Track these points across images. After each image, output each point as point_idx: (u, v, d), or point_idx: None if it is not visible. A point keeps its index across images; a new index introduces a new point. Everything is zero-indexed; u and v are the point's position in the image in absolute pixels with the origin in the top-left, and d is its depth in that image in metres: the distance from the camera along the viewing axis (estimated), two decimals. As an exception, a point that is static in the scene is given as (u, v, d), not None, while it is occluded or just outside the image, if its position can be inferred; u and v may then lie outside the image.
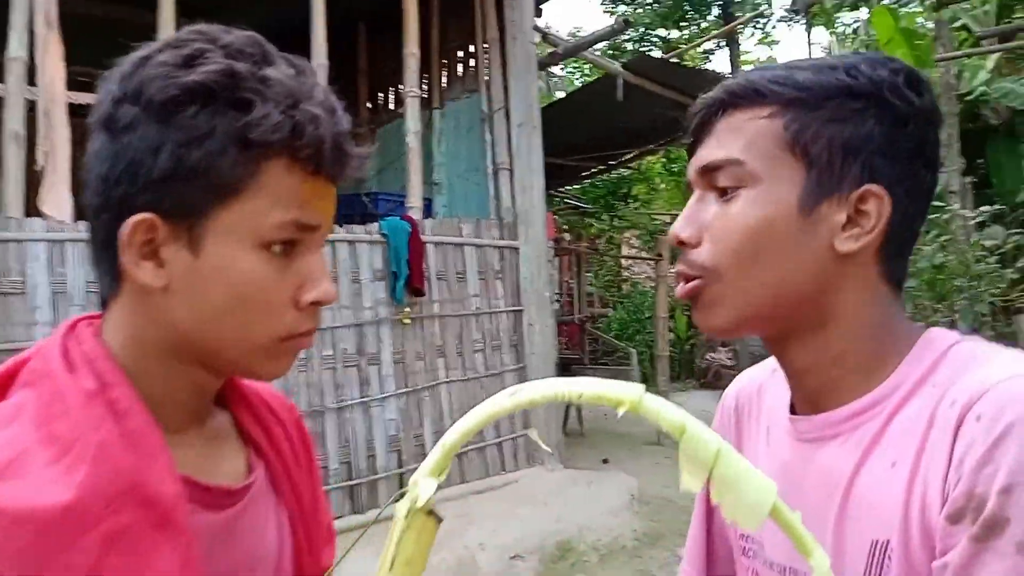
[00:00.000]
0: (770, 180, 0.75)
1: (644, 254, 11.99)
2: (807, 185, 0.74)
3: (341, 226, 5.08)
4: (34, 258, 3.58)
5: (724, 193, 0.77)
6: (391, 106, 7.34)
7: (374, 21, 7.06)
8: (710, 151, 0.78)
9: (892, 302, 0.78)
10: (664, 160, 13.63)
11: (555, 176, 9.32)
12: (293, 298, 0.71)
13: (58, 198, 3.60)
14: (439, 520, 0.66)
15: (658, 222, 14.06)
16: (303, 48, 4.93)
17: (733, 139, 0.76)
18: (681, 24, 11.64)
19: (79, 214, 3.65)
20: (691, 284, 0.78)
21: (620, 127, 7.44)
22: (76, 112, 3.86)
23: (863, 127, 0.74)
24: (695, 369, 11.67)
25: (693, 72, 6.54)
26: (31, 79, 3.73)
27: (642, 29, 11.50)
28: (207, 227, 0.67)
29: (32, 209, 3.66)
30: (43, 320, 3.56)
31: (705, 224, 0.77)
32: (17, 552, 0.59)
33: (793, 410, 0.83)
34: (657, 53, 12.30)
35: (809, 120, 0.74)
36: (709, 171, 0.78)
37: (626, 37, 11.20)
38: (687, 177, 0.82)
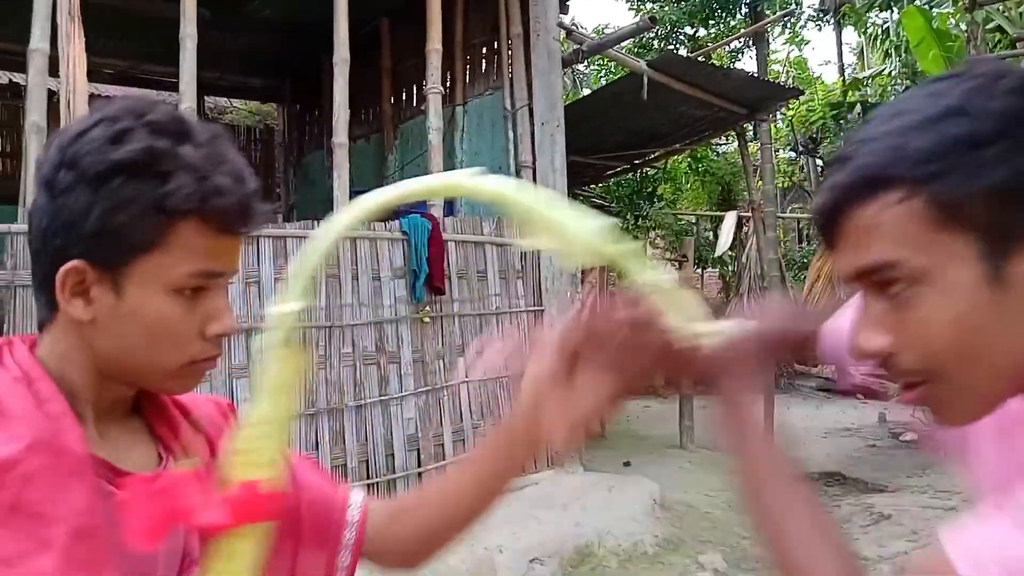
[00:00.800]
0: (940, 269, 0.67)
1: (668, 255, 11.89)
2: (982, 254, 0.66)
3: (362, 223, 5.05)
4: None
5: (891, 291, 0.69)
6: (414, 102, 7.30)
7: (397, 16, 7.04)
8: (856, 256, 0.70)
9: None
10: (690, 160, 13.49)
11: (579, 175, 9.25)
12: (200, 331, 0.86)
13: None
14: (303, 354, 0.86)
15: (683, 222, 13.93)
16: (327, 42, 4.90)
17: (875, 238, 0.68)
18: (709, 22, 11.51)
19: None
20: (917, 391, 0.71)
21: (645, 126, 7.35)
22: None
23: (1011, 164, 0.64)
24: (719, 373, 11.53)
25: (719, 71, 6.43)
26: (52, 71, 3.73)
27: (669, 27, 11.37)
28: (127, 275, 0.81)
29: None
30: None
31: (891, 328, 0.70)
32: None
33: None
34: (684, 51, 12.18)
35: (948, 187, 0.65)
36: (866, 274, 0.70)
37: (652, 35, 11.08)
38: (838, 276, 0.75)
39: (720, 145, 13.70)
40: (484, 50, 6.36)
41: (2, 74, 7.03)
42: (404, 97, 7.39)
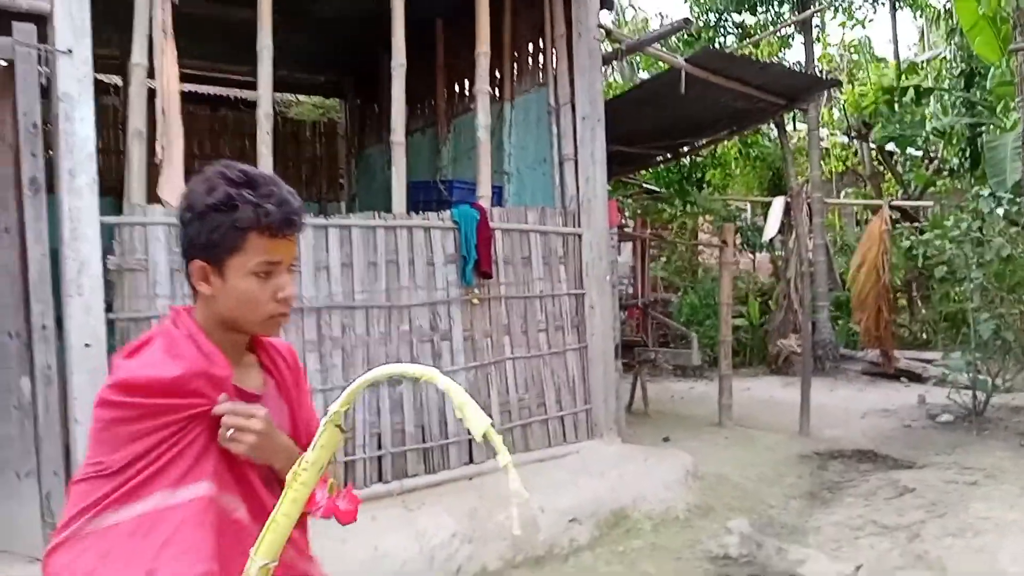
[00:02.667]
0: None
1: (714, 240, 12.11)
2: None
3: (418, 212, 5.52)
4: (155, 240, 4.15)
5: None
6: (466, 98, 7.71)
7: (451, 17, 7.45)
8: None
9: None
10: (740, 145, 13.61)
11: (626, 164, 9.57)
12: (272, 297, 1.50)
13: (174, 187, 4.14)
14: (344, 432, 1.37)
15: (732, 207, 14.08)
16: (386, 41, 5.31)
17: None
18: (757, 9, 11.60)
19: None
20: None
21: (686, 116, 7.64)
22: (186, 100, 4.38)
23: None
24: (767, 355, 11.77)
25: (756, 65, 6.68)
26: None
27: (717, 15, 11.51)
28: (226, 267, 1.48)
29: (153, 197, 4.22)
30: (162, 293, 4.13)
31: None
32: (140, 405, 1.38)
33: None
34: (731, 39, 12.30)
35: None
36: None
37: (700, 23, 11.26)
38: None
39: (772, 131, 13.81)
40: (530, 49, 6.72)
41: (104, 77, 7.69)
42: (457, 92, 7.80)
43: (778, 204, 9.84)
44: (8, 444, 4.12)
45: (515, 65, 6.86)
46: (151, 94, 4.31)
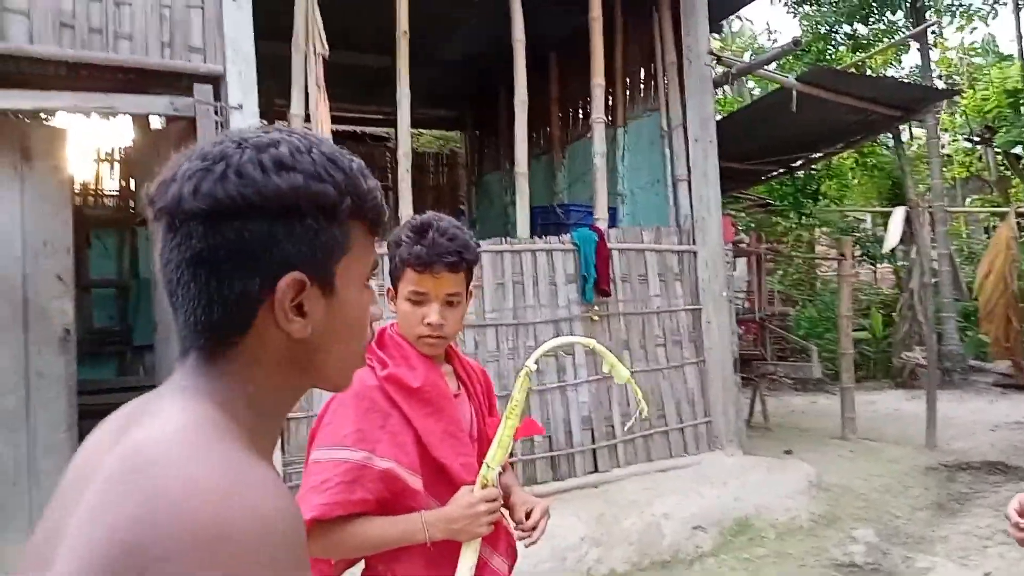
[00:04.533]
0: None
1: (831, 253, 11.94)
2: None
3: (538, 235, 5.90)
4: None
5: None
6: (580, 125, 8.07)
7: (564, 49, 7.85)
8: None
9: None
10: (856, 156, 13.37)
11: (738, 180, 9.67)
12: (420, 321, 1.83)
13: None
14: (531, 374, 1.82)
15: (849, 219, 13.81)
16: (503, 76, 5.71)
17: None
18: (869, 19, 11.44)
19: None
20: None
21: (798, 132, 7.71)
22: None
23: None
24: (891, 368, 11.50)
25: (868, 80, 6.72)
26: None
27: (828, 27, 11.43)
28: (398, 291, 1.86)
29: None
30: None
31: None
32: (363, 399, 1.76)
33: None
34: (843, 50, 12.17)
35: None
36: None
37: (808, 36, 11.22)
38: None
39: (889, 140, 13.50)
40: (642, 76, 7.02)
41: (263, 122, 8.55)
42: (571, 120, 8.17)
43: (898, 214, 9.66)
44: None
45: (627, 91, 7.16)
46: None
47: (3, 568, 3.96)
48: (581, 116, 8.08)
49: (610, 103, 7.23)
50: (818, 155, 9.05)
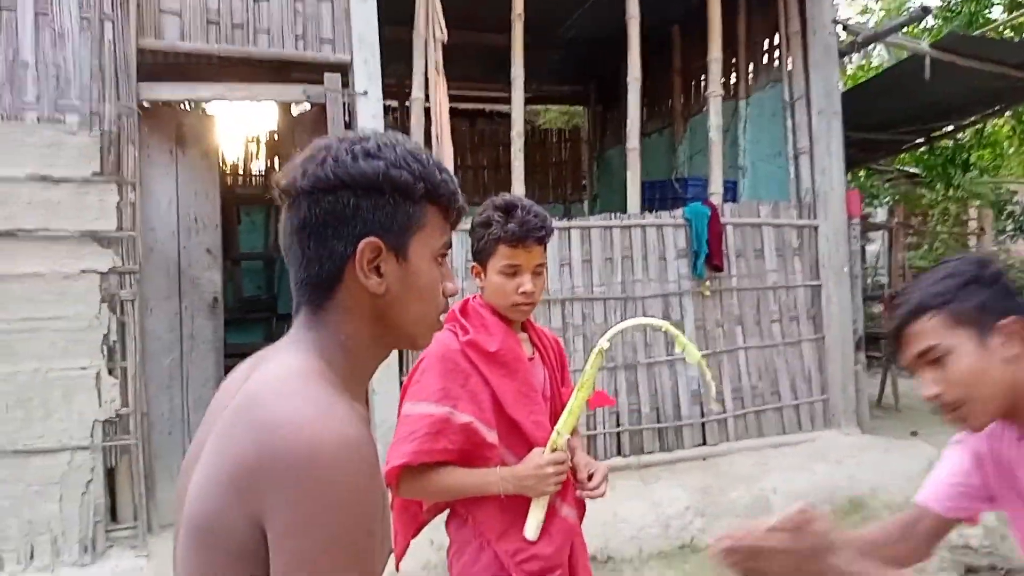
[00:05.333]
0: (959, 345, 1.38)
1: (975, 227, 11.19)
2: (974, 336, 1.37)
3: (654, 209, 5.95)
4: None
5: (936, 362, 1.39)
6: (702, 98, 7.98)
7: (685, 23, 7.79)
8: (917, 345, 1.41)
9: None
10: (1014, 123, 12.37)
11: (872, 151, 9.28)
12: (514, 291, 2.03)
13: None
14: (604, 351, 1.98)
15: (1002, 191, 12.85)
16: (624, 51, 5.76)
17: (925, 337, 1.40)
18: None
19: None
20: (954, 413, 1.41)
21: (936, 100, 7.32)
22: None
23: (977, 295, 1.38)
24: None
25: (1009, 45, 6.27)
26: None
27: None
28: (487, 267, 2.07)
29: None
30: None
31: (938, 383, 1.39)
32: (447, 361, 1.98)
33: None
34: (999, 10, 11.25)
35: (952, 308, 1.38)
36: (922, 356, 1.41)
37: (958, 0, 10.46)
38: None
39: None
40: (765, 46, 6.88)
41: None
42: (692, 93, 8.10)
43: (1056, 186, 8.98)
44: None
45: (750, 63, 7.04)
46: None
47: (160, 503, 4.55)
48: (703, 89, 7.99)
49: (732, 76, 7.13)
50: (963, 123, 8.54)
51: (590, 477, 2.07)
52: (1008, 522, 1.57)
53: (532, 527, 1.96)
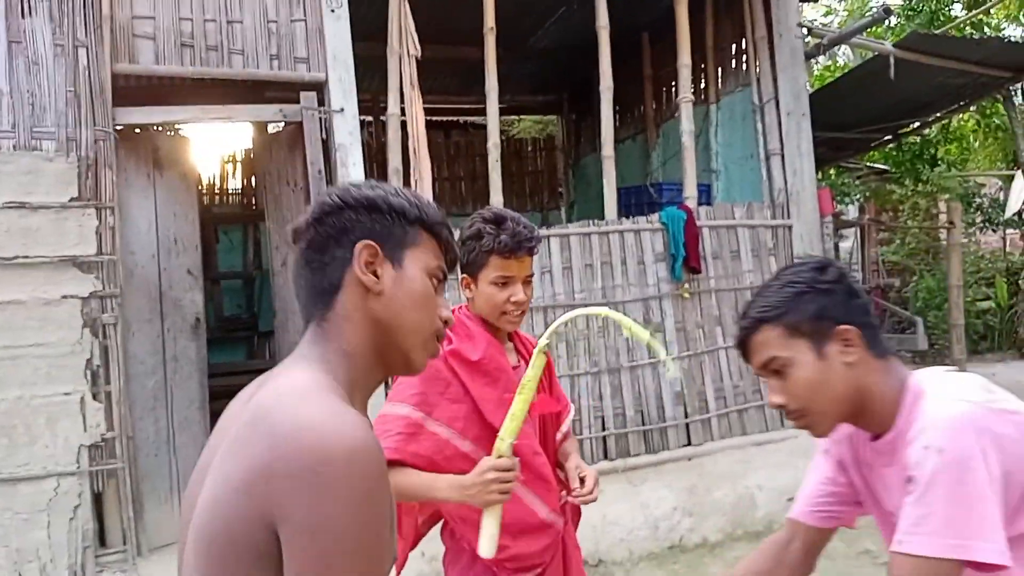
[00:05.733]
0: (795, 357, 1.40)
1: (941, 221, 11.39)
2: (811, 347, 1.39)
3: (630, 215, 6.03)
4: (411, 257, 5.03)
5: (779, 372, 1.42)
6: (673, 103, 8.09)
7: (656, 29, 7.89)
8: (760, 356, 1.44)
9: (888, 366, 1.42)
10: (978, 117, 12.63)
11: (842, 149, 9.45)
12: (506, 300, 2.07)
13: (424, 213, 5.00)
14: (546, 354, 1.90)
15: (970, 184, 13.08)
16: (596, 61, 5.82)
17: (766, 348, 1.43)
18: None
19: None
20: (799, 421, 1.45)
21: (903, 98, 7.48)
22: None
23: (814, 303, 1.40)
24: (1017, 339, 10.94)
25: (971, 42, 6.43)
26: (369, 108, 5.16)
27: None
28: (478, 278, 2.10)
29: (407, 222, 5.11)
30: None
31: (781, 391, 1.44)
32: (429, 368, 1.47)
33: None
34: (959, 7, 11.52)
35: (788, 320, 1.41)
36: (765, 366, 1.44)
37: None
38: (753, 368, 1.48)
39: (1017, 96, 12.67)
40: (733, 51, 7.00)
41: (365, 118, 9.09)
42: (664, 99, 8.21)
43: (1020, 180, 9.17)
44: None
45: (718, 67, 7.15)
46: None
47: (148, 526, 4.54)
48: (674, 95, 8.10)
49: (702, 80, 7.24)
50: (928, 120, 8.72)
51: (581, 482, 2.11)
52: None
53: (484, 542, 1.84)
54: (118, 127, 4.59)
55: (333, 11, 4.90)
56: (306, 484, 0.88)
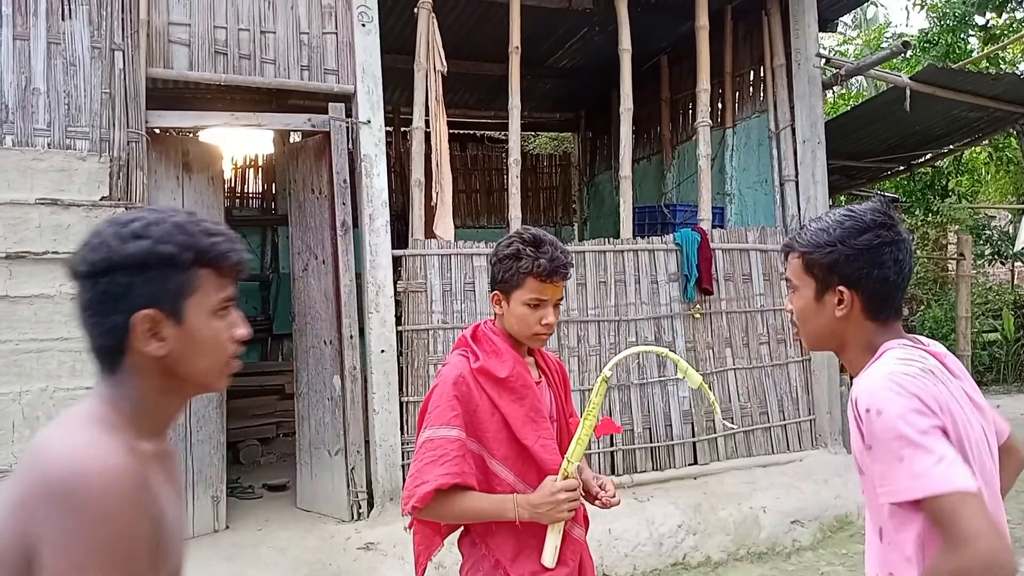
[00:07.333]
0: (803, 289, 1.65)
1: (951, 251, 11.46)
2: (817, 289, 1.62)
3: (644, 234, 6.12)
4: (431, 267, 5.14)
5: (792, 290, 1.69)
6: (690, 126, 8.19)
7: (675, 52, 8.02)
8: (785, 271, 1.71)
9: (877, 330, 1.59)
10: (990, 150, 12.71)
11: (854, 178, 9.52)
12: (537, 322, 2.13)
13: (446, 225, 5.10)
14: (607, 380, 2.09)
15: (980, 216, 13.15)
16: (614, 79, 5.91)
17: (789, 268, 1.69)
18: (1004, 8, 10.85)
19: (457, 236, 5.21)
20: (795, 331, 1.72)
21: (917, 130, 7.56)
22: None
23: (832, 255, 1.58)
24: (1022, 371, 10.99)
25: (987, 77, 6.51)
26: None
27: (955, 20, 10.91)
28: (512, 297, 2.19)
29: (429, 233, 5.21)
30: (437, 310, 5.10)
31: (793, 302, 1.69)
32: (460, 386, 2.08)
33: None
34: (974, 41, 11.59)
35: (808, 259, 1.63)
36: (787, 280, 1.71)
37: (936, 29, 10.77)
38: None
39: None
40: (751, 77, 7.10)
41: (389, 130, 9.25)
42: (680, 121, 8.31)
43: (1031, 212, 9.25)
44: (323, 429, 5.26)
45: (736, 93, 7.26)
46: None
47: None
48: (691, 118, 8.20)
49: (719, 105, 7.35)
50: (931, 154, 8.80)
51: (601, 487, 2.21)
52: None
53: (549, 554, 2.05)
54: (151, 129, 4.70)
55: (364, 25, 5.01)
56: (56, 503, 0.98)
